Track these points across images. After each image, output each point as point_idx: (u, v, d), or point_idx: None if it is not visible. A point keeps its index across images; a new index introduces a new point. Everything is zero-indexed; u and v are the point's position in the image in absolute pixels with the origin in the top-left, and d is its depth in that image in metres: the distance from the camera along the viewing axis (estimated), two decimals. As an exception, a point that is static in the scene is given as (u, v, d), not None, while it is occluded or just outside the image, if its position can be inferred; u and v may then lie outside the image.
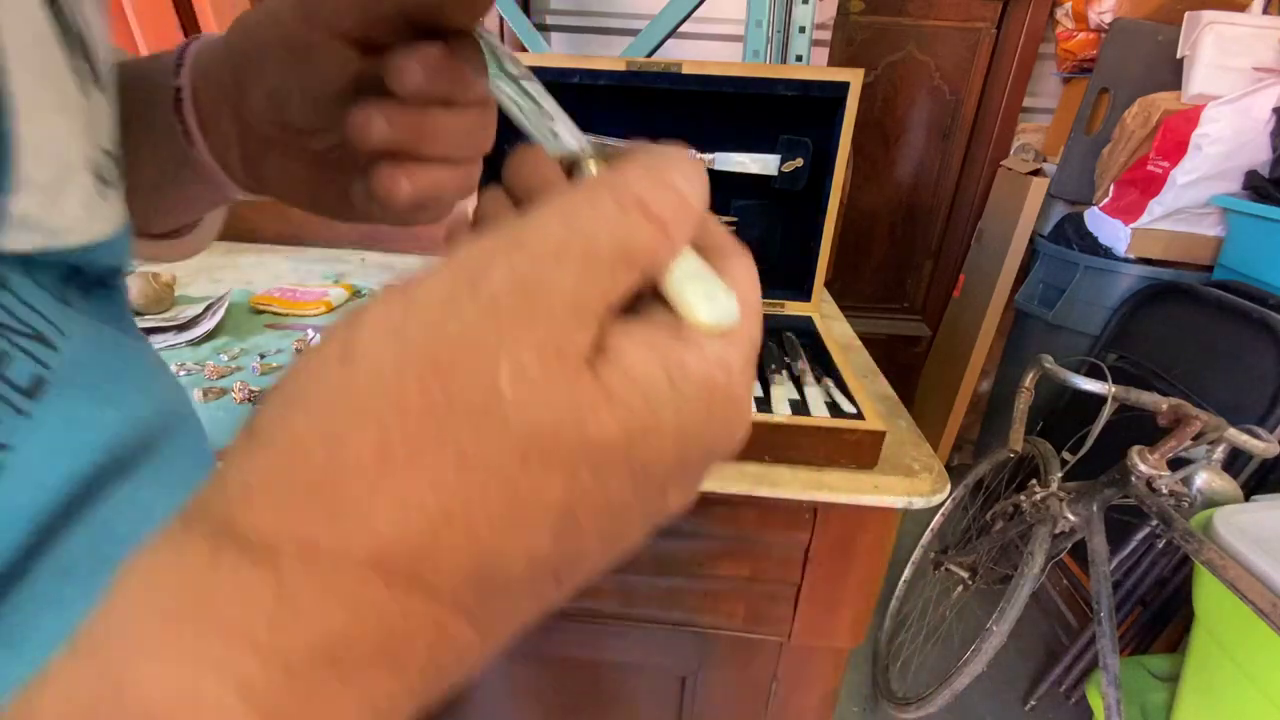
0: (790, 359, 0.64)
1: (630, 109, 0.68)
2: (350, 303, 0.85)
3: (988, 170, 2.02)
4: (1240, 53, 1.41)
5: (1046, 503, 1.08)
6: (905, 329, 2.29)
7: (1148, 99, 1.52)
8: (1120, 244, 1.53)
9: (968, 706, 1.38)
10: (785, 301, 0.73)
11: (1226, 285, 1.36)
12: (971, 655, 1.09)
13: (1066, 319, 1.65)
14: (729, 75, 0.64)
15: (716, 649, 0.65)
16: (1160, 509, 0.87)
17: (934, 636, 1.36)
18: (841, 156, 0.66)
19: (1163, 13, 1.59)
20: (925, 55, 1.96)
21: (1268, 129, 1.35)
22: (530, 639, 0.67)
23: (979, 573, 1.30)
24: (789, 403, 0.55)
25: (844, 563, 0.57)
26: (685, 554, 0.58)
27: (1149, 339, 1.46)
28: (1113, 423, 0.96)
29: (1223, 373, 1.27)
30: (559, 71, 0.64)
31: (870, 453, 0.51)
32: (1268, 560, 0.76)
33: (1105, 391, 0.97)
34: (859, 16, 1.91)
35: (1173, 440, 0.89)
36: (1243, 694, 0.86)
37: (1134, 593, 1.29)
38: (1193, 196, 1.43)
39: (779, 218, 0.73)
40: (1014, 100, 1.94)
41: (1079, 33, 1.74)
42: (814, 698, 0.67)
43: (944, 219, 2.18)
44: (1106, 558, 0.97)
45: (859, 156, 2.07)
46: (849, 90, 0.63)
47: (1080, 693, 1.36)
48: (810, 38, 1.01)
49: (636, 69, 0.64)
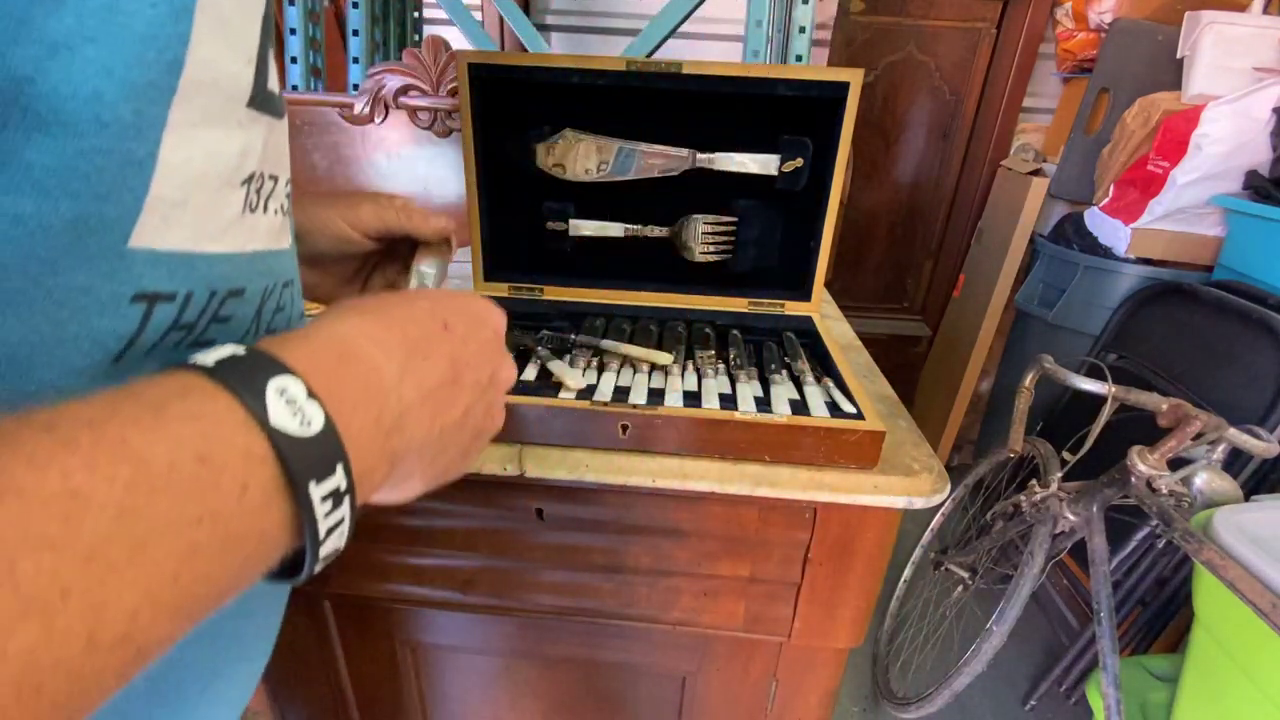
0: (790, 359, 0.64)
1: (630, 109, 0.68)
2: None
3: (988, 170, 2.02)
4: (1240, 53, 1.41)
5: (1046, 503, 1.08)
6: (905, 329, 2.30)
7: (1148, 99, 1.52)
8: (1120, 244, 1.53)
9: (968, 706, 1.38)
10: (785, 301, 0.73)
11: (1226, 285, 1.36)
12: (971, 655, 1.09)
13: (1066, 319, 1.65)
14: (729, 75, 0.64)
15: (716, 649, 0.65)
16: (1160, 509, 0.87)
17: (934, 636, 1.36)
18: (841, 156, 0.66)
19: (1163, 13, 1.59)
20: (925, 55, 1.97)
21: (1268, 129, 1.35)
22: (530, 639, 0.67)
23: (979, 573, 1.30)
24: (789, 403, 0.55)
25: (844, 563, 0.57)
26: (685, 554, 0.58)
27: (1149, 339, 1.46)
28: (1113, 423, 0.96)
29: (1223, 373, 1.27)
30: (559, 71, 0.64)
31: (870, 453, 0.51)
32: (1268, 560, 0.76)
33: (1105, 391, 0.97)
34: (859, 16, 1.91)
35: (1173, 440, 0.89)
36: (1243, 694, 0.86)
37: (1134, 593, 1.29)
38: (1193, 196, 1.43)
39: (779, 218, 0.73)
40: (1014, 100, 1.94)
41: (1079, 33, 1.74)
42: (814, 698, 0.67)
43: (944, 219, 2.18)
44: (1106, 558, 0.97)
45: (859, 156, 2.08)
46: (849, 90, 0.63)
47: (1080, 693, 1.36)
48: (810, 38, 1.01)
49: (636, 69, 0.64)
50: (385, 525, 0.58)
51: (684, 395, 0.55)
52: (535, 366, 0.60)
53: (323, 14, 1.26)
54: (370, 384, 0.22)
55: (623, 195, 0.71)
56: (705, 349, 0.64)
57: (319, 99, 0.99)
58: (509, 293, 0.73)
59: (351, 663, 0.70)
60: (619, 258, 0.75)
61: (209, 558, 0.17)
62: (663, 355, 0.61)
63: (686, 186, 0.70)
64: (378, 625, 0.67)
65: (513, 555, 0.59)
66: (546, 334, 0.65)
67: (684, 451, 0.52)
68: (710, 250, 0.73)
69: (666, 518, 0.56)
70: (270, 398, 0.18)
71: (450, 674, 0.71)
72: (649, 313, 0.73)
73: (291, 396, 0.18)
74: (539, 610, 0.62)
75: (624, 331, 0.67)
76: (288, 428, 0.18)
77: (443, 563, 0.60)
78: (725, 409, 0.52)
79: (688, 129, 0.69)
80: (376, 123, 0.99)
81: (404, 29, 1.45)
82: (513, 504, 0.56)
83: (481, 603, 0.62)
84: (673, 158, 0.69)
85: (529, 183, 0.71)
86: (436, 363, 0.25)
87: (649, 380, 0.58)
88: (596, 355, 0.62)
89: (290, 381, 0.19)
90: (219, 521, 0.17)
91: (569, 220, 0.72)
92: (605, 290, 0.73)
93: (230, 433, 0.17)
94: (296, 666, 0.70)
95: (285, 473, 0.18)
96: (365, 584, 0.62)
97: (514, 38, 1.41)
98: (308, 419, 0.19)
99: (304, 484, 0.18)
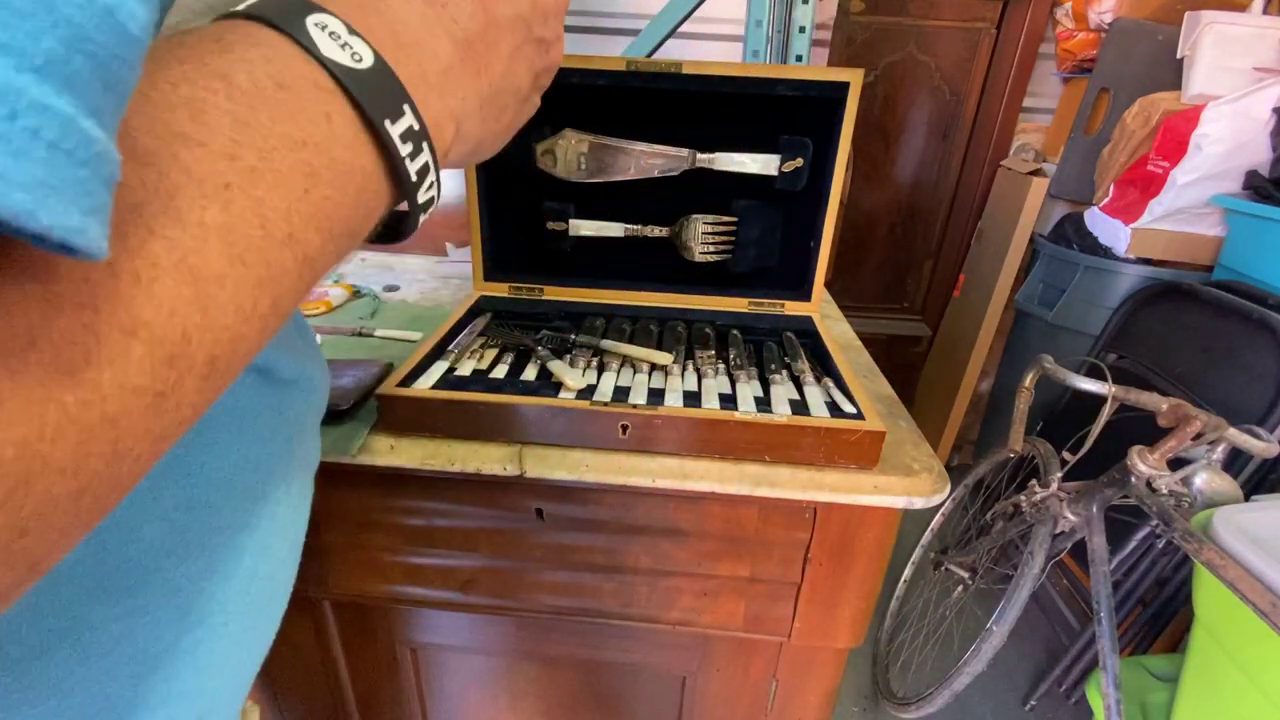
0: (790, 359, 0.64)
1: (630, 109, 0.68)
2: (350, 302, 0.85)
3: (988, 170, 2.02)
4: (1240, 53, 1.41)
5: (1046, 503, 1.08)
6: (905, 329, 2.29)
7: (1148, 99, 1.52)
8: (1120, 244, 1.53)
9: (968, 706, 1.38)
10: (785, 301, 0.73)
11: (1226, 285, 1.36)
12: (971, 655, 1.09)
13: (1066, 319, 1.65)
14: (729, 75, 0.64)
15: (716, 649, 0.65)
16: (1160, 509, 0.87)
17: (934, 636, 1.36)
18: (841, 156, 0.66)
19: (1163, 13, 1.59)
20: (925, 55, 1.96)
21: (1268, 129, 1.35)
22: (530, 639, 0.67)
23: (979, 573, 1.30)
24: (789, 403, 0.55)
25: (844, 563, 0.57)
26: (685, 554, 0.58)
27: (1149, 339, 1.46)
28: (1113, 423, 0.96)
29: (1223, 373, 1.27)
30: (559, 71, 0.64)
31: (870, 453, 0.51)
32: (1268, 560, 0.76)
33: (1105, 391, 0.97)
34: (859, 16, 1.91)
35: (1173, 440, 0.89)
36: (1243, 694, 0.86)
37: (1134, 593, 1.29)
38: (1193, 196, 1.43)
39: (779, 218, 0.73)
40: (1014, 100, 1.94)
41: (1079, 33, 1.74)
42: (814, 698, 0.67)
43: (944, 219, 2.18)
44: (1106, 558, 0.97)
45: (859, 156, 2.07)
46: (849, 90, 0.63)
47: (1080, 693, 1.36)
48: (810, 38, 1.01)
49: (636, 69, 0.64)
50: (385, 525, 0.58)
51: (684, 395, 0.55)
52: (535, 366, 0.60)
53: (323, 14, 1.26)
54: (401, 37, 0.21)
55: (623, 195, 0.71)
56: (705, 349, 0.64)
57: (319, 99, 0.99)
58: (509, 293, 0.73)
59: (351, 663, 0.70)
60: (619, 258, 0.75)
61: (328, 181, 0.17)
62: (662, 355, 0.61)
63: (686, 186, 0.70)
64: (377, 625, 0.67)
65: (513, 555, 0.59)
66: (546, 334, 0.65)
67: (684, 451, 0.52)
68: (710, 250, 0.73)
69: (666, 518, 0.56)
70: (313, 31, 0.18)
71: (450, 674, 0.71)
72: (649, 313, 0.73)
73: (334, 30, 0.18)
74: (539, 610, 0.62)
75: (624, 331, 0.67)
76: (340, 59, 0.18)
77: (443, 563, 0.60)
78: (725, 409, 0.52)
79: (688, 129, 0.69)
80: (376, 123, 0.99)
81: (404, 29, 1.44)
82: (513, 504, 0.56)
83: (481, 603, 0.62)
84: (673, 158, 0.69)
85: (529, 183, 0.71)
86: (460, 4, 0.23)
87: (649, 380, 0.58)
88: (596, 355, 0.62)
89: (327, 18, 0.18)
90: (321, 149, 0.17)
91: (569, 220, 0.72)
92: (605, 290, 0.73)
93: (290, 60, 0.17)
94: (296, 666, 0.70)
95: (356, 107, 0.18)
96: (365, 584, 0.62)
97: (514, 38, 1.41)
98: (357, 54, 0.18)
99: (379, 120, 0.19)
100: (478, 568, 0.60)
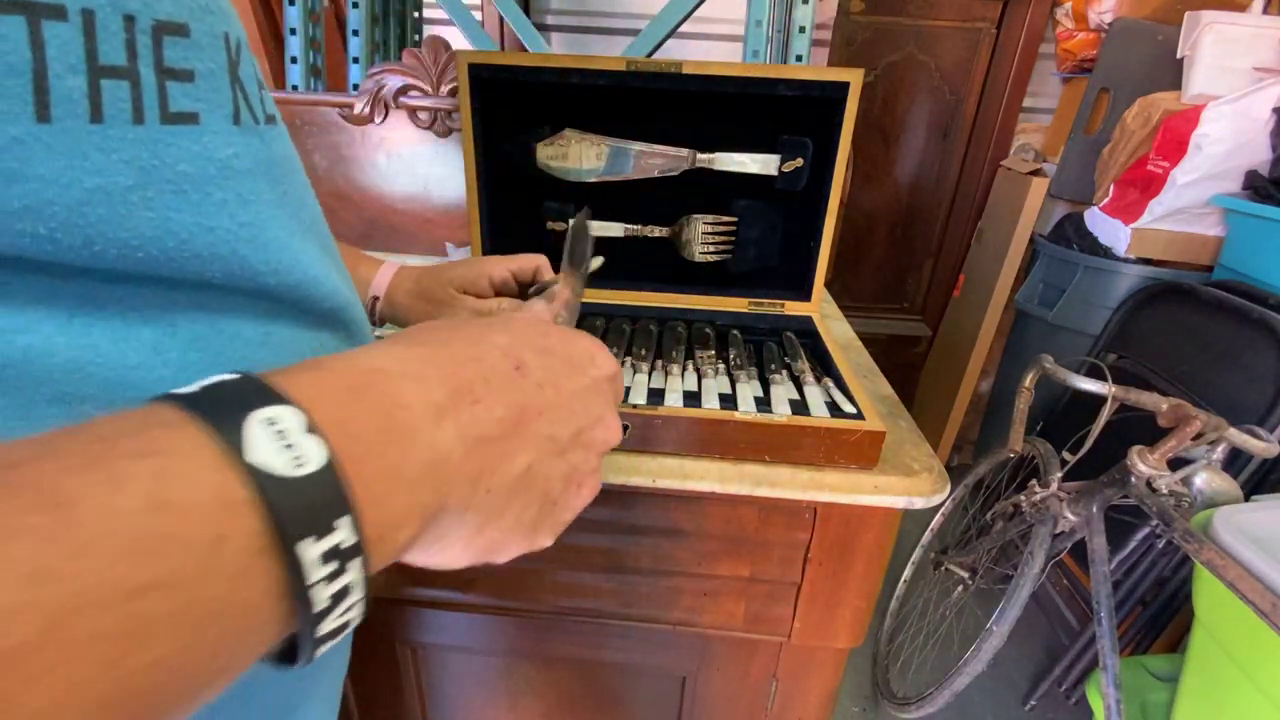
0: (790, 359, 0.64)
1: (630, 109, 0.68)
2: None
3: (988, 170, 2.02)
4: (1240, 53, 1.41)
5: (1046, 503, 1.08)
6: (905, 329, 2.30)
7: (1148, 99, 1.52)
8: (1120, 244, 1.53)
9: (968, 706, 1.38)
10: (785, 301, 0.73)
11: (1226, 285, 1.36)
12: (971, 655, 1.09)
13: (1066, 319, 1.65)
14: (729, 75, 0.64)
15: (716, 649, 0.65)
16: (1160, 509, 0.87)
17: (934, 636, 1.36)
18: (841, 156, 0.66)
19: (1163, 13, 1.59)
20: (925, 55, 1.96)
21: (1268, 129, 1.35)
22: (530, 639, 0.67)
23: (979, 573, 1.30)
24: (789, 403, 0.55)
25: (844, 563, 0.57)
26: (685, 554, 0.58)
27: (1149, 339, 1.46)
28: (1113, 423, 0.96)
29: (1223, 373, 1.27)
30: (559, 71, 0.64)
31: (870, 453, 0.51)
32: (1268, 560, 0.76)
33: (1105, 391, 0.97)
34: (859, 16, 1.91)
35: (1173, 440, 0.89)
36: (1243, 694, 0.86)
37: (1134, 593, 1.29)
38: (1193, 196, 1.43)
39: (779, 218, 0.73)
40: (1014, 100, 1.94)
41: (1079, 33, 1.74)
42: (814, 698, 0.67)
43: (944, 219, 2.18)
44: (1106, 558, 0.97)
45: (859, 156, 2.08)
46: (849, 90, 0.63)
47: (1080, 693, 1.36)
48: (810, 38, 1.01)
49: (636, 69, 0.64)
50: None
51: (684, 395, 0.55)
52: (535, 366, 0.60)
53: (323, 14, 1.26)
54: (394, 423, 0.18)
55: (623, 195, 0.71)
56: (705, 349, 0.64)
57: (319, 99, 0.99)
58: (509, 293, 0.73)
59: (351, 662, 0.70)
60: (619, 258, 0.75)
61: (167, 639, 0.13)
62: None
63: (686, 186, 0.70)
64: (378, 625, 0.67)
65: (513, 555, 0.59)
66: (546, 334, 0.65)
67: (684, 451, 0.52)
68: (710, 250, 0.73)
69: (667, 518, 0.56)
70: (252, 428, 0.15)
71: (450, 674, 0.71)
72: (649, 312, 0.73)
73: (283, 428, 0.15)
74: (539, 610, 0.62)
75: (624, 331, 0.67)
76: (271, 465, 0.15)
77: (443, 563, 0.60)
78: (725, 409, 0.52)
79: (688, 129, 0.69)
80: (377, 123, 0.99)
81: (404, 29, 1.45)
82: (513, 504, 0.56)
83: (481, 603, 0.62)
84: (673, 158, 0.69)
85: (529, 183, 0.71)
86: (491, 408, 0.21)
87: (649, 380, 0.58)
88: (596, 355, 0.62)
89: (284, 412, 0.16)
90: (179, 589, 0.13)
91: (569, 220, 0.72)
92: (605, 290, 0.73)
93: (196, 472, 0.14)
94: (296, 666, 0.70)
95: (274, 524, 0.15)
96: (365, 584, 0.62)
97: (514, 38, 1.41)
98: (301, 457, 0.15)
99: (292, 540, 0.15)
100: (478, 567, 0.60)
